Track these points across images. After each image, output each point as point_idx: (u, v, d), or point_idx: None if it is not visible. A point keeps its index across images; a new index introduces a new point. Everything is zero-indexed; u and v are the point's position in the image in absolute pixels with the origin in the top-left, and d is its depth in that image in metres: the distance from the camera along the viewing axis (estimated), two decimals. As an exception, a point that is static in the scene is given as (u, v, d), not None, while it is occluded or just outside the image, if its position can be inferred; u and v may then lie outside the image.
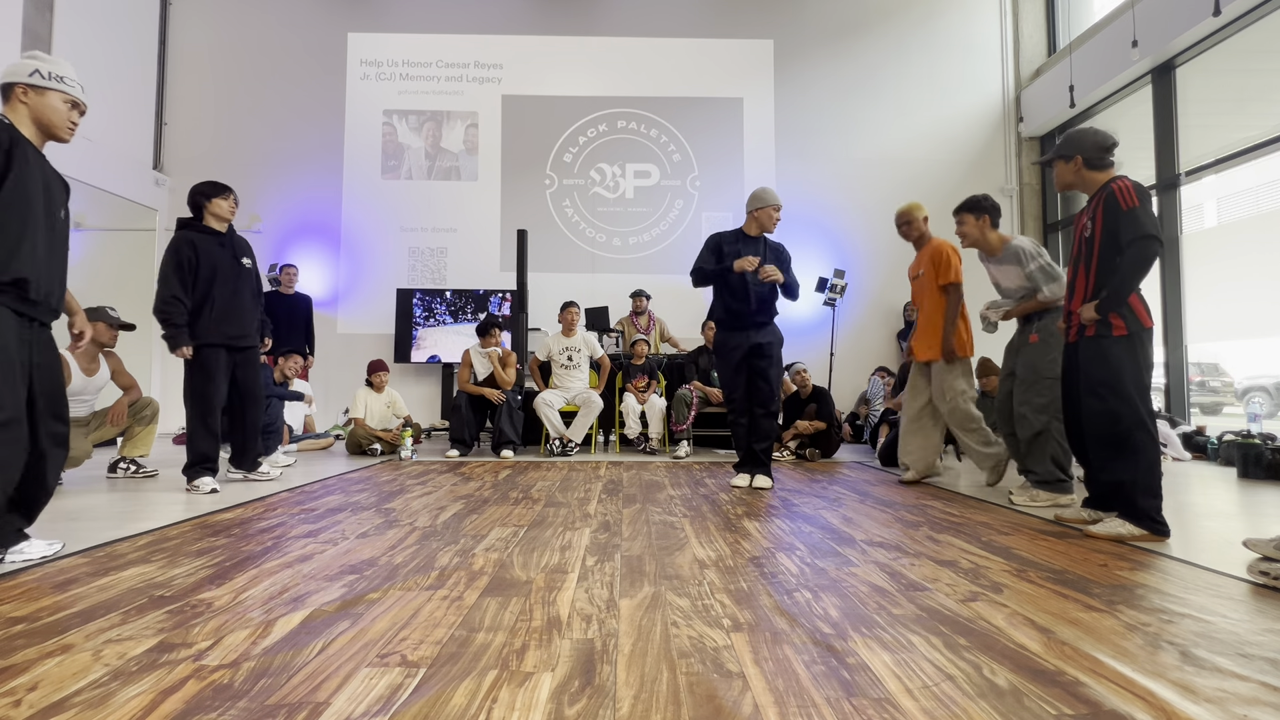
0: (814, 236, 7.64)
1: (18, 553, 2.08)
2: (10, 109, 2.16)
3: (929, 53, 7.83)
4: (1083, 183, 2.72)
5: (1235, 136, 5.56)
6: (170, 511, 2.89)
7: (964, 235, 3.58)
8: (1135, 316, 2.53)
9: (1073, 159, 2.70)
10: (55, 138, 2.25)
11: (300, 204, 7.60)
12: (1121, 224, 2.51)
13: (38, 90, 2.17)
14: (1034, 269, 3.36)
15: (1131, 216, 2.49)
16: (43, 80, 2.17)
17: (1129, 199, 2.52)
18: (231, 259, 3.56)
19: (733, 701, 1.16)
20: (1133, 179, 2.58)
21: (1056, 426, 3.24)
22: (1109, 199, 2.58)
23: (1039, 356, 3.31)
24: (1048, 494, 3.24)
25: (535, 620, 1.57)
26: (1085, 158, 2.69)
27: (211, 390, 3.47)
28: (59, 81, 2.20)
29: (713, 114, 7.81)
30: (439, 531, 2.53)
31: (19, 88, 2.15)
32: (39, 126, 2.20)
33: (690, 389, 5.44)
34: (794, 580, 1.92)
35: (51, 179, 2.21)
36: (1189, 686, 1.23)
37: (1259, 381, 9.52)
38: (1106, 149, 2.69)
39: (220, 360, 3.49)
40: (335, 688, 1.21)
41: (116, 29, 6.93)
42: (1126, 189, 2.54)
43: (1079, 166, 2.70)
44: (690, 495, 3.45)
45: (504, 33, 7.83)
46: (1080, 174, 2.70)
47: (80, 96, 2.26)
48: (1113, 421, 2.51)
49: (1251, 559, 2.10)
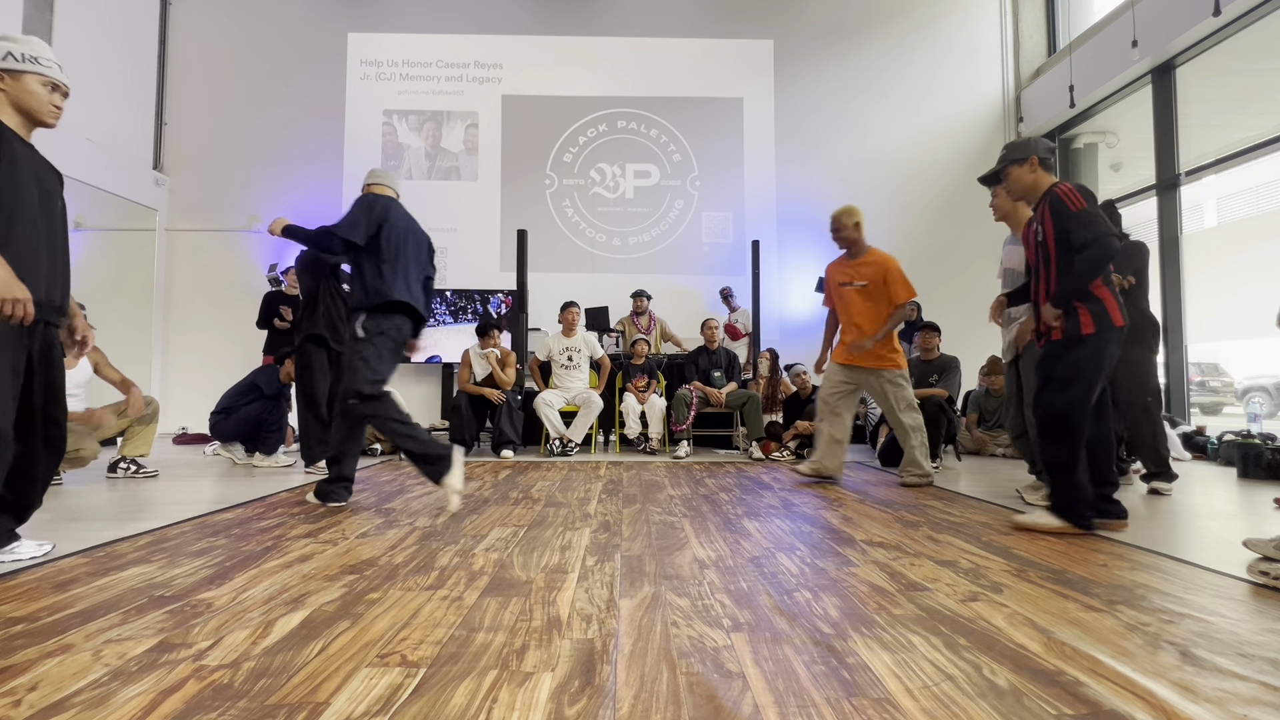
0: (814, 236, 7.63)
1: (9, 553, 2.06)
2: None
3: (929, 53, 7.83)
4: (1034, 187, 2.72)
5: (1235, 136, 5.56)
6: (170, 511, 2.89)
7: (996, 208, 3.36)
8: (1107, 314, 2.53)
9: (1027, 160, 2.71)
10: (40, 123, 2.12)
11: (300, 204, 7.59)
12: (1073, 225, 2.53)
13: (13, 75, 2.04)
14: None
15: (1085, 217, 2.51)
16: (16, 63, 2.04)
17: (1076, 200, 2.54)
18: None
19: (733, 701, 1.16)
20: (1073, 183, 2.62)
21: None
22: (1055, 202, 2.60)
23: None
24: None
25: (535, 620, 1.57)
26: (1040, 157, 2.70)
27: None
28: (34, 63, 2.06)
29: (713, 114, 7.81)
30: (439, 531, 2.53)
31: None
32: (20, 113, 2.08)
33: (690, 389, 5.44)
34: (794, 580, 1.92)
35: (42, 169, 2.11)
36: (1189, 686, 1.23)
37: (1259, 381, 9.52)
38: (1051, 151, 2.72)
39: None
40: (335, 688, 1.21)
41: (116, 29, 6.93)
42: (1070, 192, 2.57)
43: (1034, 167, 2.71)
44: (690, 495, 3.45)
45: (504, 33, 7.83)
46: (1036, 175, 2.71)
47: (60, 78, 2.12)
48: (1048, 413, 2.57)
49: (1251, 559, 2.10)
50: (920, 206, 7.69)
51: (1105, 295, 2.54)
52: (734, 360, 5.75)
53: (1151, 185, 6.14)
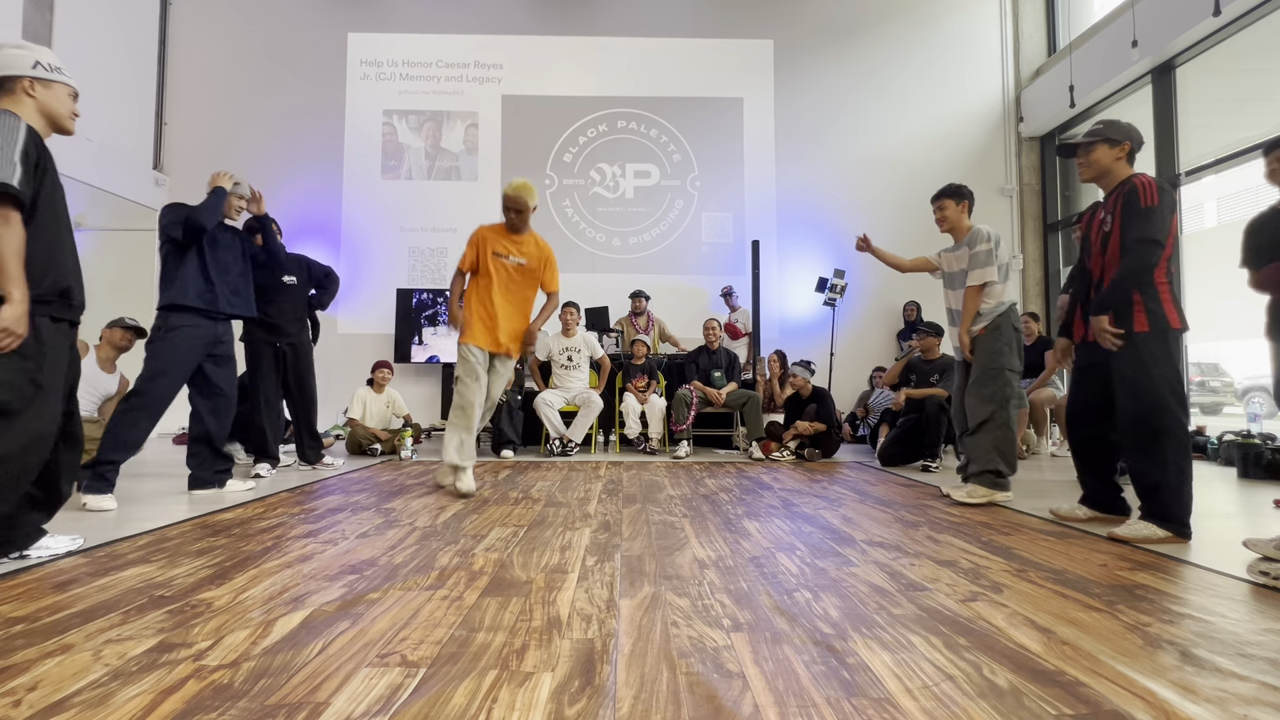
0: (814, 236, 7.64)
1: (42, 549, 2.11)
2: (14, 102, 2.07)
3: (929, 53, 7.83)
4: (1113, 173, 2.63)
5: (1235, 136, 5.56)
6: (170, 511, 2.89)
7: (943, 219, 3.50)
8: (1164, 315, 2.47)
9: (1121, 144, 2.61)
10: (61, 130, 2.18)
11: (300, 204, 7.59)
12: (1132, 218, 2.46)
13: (44, 83, 2.10)
14: (981, 250, 3.31)
15: (1146, 215, 2.44)
16: (46, 73, 2.10)
17: (1149, 197, 2.46)
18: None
19: (733, 701, 1.16)
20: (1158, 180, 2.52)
21: (1002, 415, 3.19)
22: (1130, 194, 2.51)
23: (985, 348, 3.28)
24: (985, 489, 3.19)
25: (535, 620, 1.57)
26: (1133, 148, 2.61)
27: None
28: (58, 73, 2.13)
29: (713, 114, 7.81)
30: (439, 531, 2.53)
31: (25, 81, 2.07)
32: (46, 120, 2.13)
33: (690, 389, 5.44)
34: (794, 580, 1.91)
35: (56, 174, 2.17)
36: (1189, 686, 1.23)
37: (1259, 381, 9.51)
38: (1141, 146, 2.64)
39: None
40: (335, 688, 1.21)
41: (116, 29, 6.93)
42: (1148, 185, 2.48)
43: (1123, 154, 2.61)
44: (690, 495, 3.45)
45: (504, 33, 7.83)
46: (1120, 162, 2.62)
47: (78, 87, 2.22)
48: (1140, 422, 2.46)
49: (1251, 559, 2.10)
50: (920, 206, 7.66)
51: (1165, 298, 2.48)
52: (734, 360, 5.75)
53: (1151, 185, 6.14)
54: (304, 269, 4.36)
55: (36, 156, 2.00)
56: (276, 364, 4.17)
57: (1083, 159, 2.68)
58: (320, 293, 4.48)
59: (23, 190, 1.93)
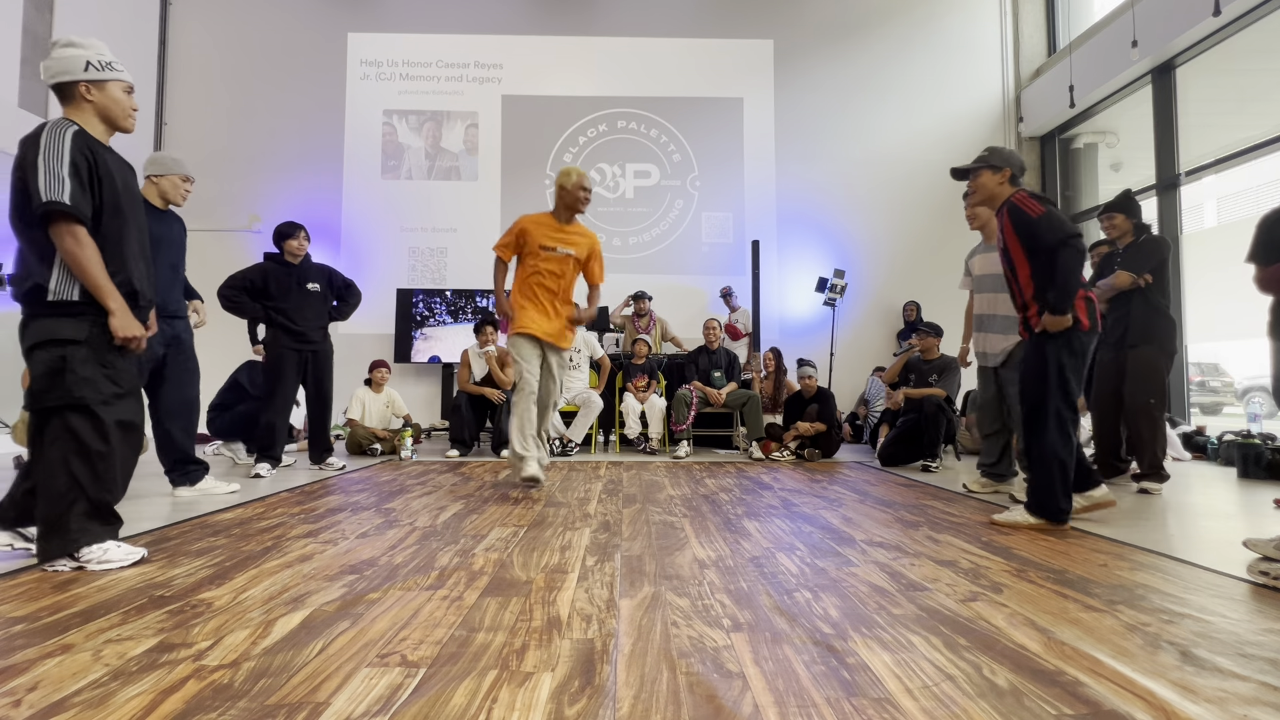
0: (814, 236, 7.64)
1: (100, 550, 1.96)
2: (75, 110, 2.01)
3: (929, 53, 7.83)
4: (997, 196, 2.79)
5: (1235, 136, 5.56)
6: (170, 511, 2.89)
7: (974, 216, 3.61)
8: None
9: (1003, 169, 2.77)
10: (119, 129, 2.10)
11: (300, 204, 7.59)
12: (1039, 231, 2.59)
13: (98, 85, 2.02)
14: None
15: (1048, 221, 2.58)
16: (99, 72, 2.01)
17: (1034, 207, 2.61)
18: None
19: (733, 701, 1.16)
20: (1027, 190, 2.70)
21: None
22: (1014, 211, 2.67)
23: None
24: (989, 482, 3.57)
25: (535, 620, 1.57)
26: (1013, 173, 2.77)
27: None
28: (109, 69, 2.04)
29: (713, 114, 7.81)
30: (439, 531, 2.53)
31: (81, 85, 2.00)
32: (104, 122, 2.06)
33: (690, 389, 5.44)
34: (794, 580, 1.91)
35: (126, 172, 2.10)
36: (1189, 686, 1.23)
37: (1259, 381, 9.51)
38: (1024, 172, 2.80)
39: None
40: (335, 688, 1.21)
41: (116, 29, 6.93)
42: (1025, 200, 2.65)
43: (1005, 179, 2.77)
44: (690, 495, 3.45)
45: (504, 33, 7.83)
46: (1003, 186, 2.78)
47: (131, 79, 2.11)
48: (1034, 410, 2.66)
49: (1251, 559, 2.10)
50: (920, 206, 7.69)
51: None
52: (734, 360, 5.75)
53: (1151, 185, 6.14)
54: (325, 277, 4.39)
55: (89, 165, 1.95)
56: (299, 369, 4.22)
57: (972, 183, 2.87)
58: (341, 304, 4.48)
59: (78, 206, 1.89)
